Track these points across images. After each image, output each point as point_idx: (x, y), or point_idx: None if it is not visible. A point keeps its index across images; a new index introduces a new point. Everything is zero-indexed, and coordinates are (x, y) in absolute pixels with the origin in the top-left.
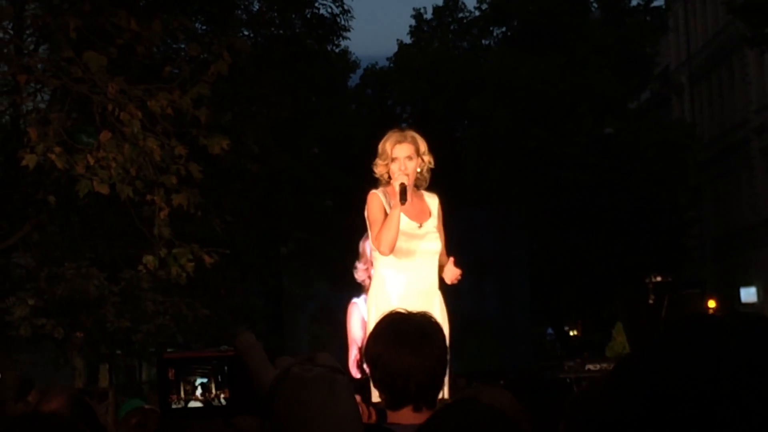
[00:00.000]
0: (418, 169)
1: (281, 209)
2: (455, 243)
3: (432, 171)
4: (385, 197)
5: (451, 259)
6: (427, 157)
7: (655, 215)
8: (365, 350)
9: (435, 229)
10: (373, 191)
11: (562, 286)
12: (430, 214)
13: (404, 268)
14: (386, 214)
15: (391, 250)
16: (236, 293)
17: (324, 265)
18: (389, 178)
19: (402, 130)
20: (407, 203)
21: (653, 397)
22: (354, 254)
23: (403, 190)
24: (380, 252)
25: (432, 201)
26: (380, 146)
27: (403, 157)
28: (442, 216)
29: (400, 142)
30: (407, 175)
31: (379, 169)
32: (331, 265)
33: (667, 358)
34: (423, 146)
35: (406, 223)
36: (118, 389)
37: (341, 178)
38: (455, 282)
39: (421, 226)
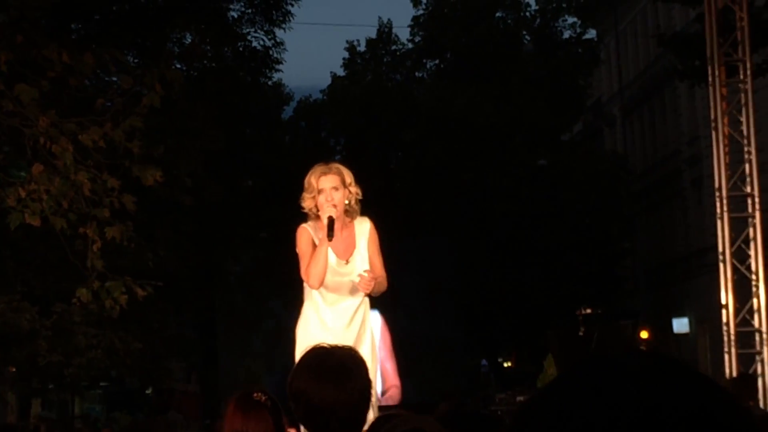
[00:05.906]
0: (346, 201)
1: (215, 242)
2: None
3: (366, 203)
4: (315, 231)
5: (365, 271)
6: (354, 189)
7: (588, 246)
8: (288, 386)
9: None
10: (303, 226)
11: (497, 318)
12: (356, 246)
13: (332, 303)
14: (315, 248)
15: (321, 283)
16: (170, 326)
17: (278, 283)
18: (318, 211)
19: (327, 163)
20: (335, 238)
21: None
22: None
23: (331, 224)
24: (310, 286)
25: (362, 227)
26: (306, 180)
27: (329, 188)
28: (376, 239)
29: (325, 173)
30: (335, 206)
31: (306, 203)
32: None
33: (562, 401)
34: (349, 177)
35: (333, 260)
36: (51, 424)
37: (276, 211)
38: (369, 285)
39: (348, 263)
